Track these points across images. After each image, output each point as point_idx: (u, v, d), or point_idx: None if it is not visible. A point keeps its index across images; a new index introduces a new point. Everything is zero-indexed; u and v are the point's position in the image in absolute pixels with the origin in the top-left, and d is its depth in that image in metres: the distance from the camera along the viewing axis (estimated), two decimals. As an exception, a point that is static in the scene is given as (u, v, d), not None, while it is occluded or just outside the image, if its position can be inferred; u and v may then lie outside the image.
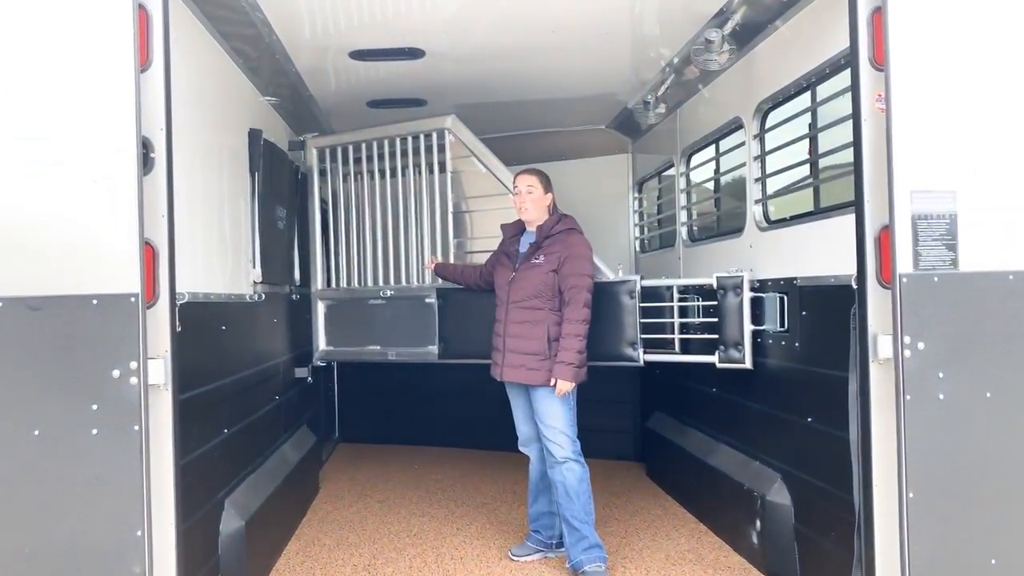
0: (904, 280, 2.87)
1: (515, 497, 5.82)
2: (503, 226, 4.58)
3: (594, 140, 7.03)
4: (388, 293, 5.78)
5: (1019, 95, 2.94)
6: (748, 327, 4.31)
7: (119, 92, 2.64)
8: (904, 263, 2.89)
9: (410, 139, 5.72)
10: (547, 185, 4.46)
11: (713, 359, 4.45)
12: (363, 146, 5.90)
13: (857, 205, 3.01)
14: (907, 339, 2.86)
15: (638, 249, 6.97)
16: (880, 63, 2.93)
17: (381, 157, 5.82)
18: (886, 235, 2.92)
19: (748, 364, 4.31)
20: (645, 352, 4.61)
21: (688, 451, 5.30)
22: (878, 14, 2.92)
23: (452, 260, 5.53)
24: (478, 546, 4.76)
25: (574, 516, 4.17)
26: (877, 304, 2.96)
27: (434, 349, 5.47)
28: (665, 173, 6.34)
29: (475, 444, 7.36)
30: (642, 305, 4.59)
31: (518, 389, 4.40)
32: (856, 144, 3.01)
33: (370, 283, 5.88)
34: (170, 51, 2.79)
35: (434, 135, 5.63)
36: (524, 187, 4.41)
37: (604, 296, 4.54)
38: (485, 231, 5.45)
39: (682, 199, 5.78)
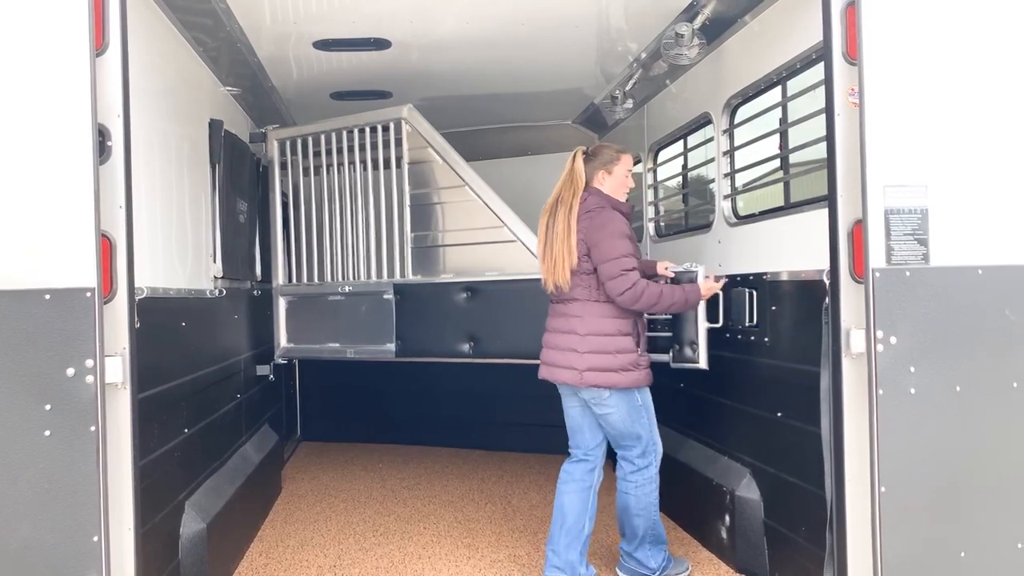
0: (877, 274, 2.87)
1: (481, 495, 5.76)
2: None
3: (561, 135, 6.99)
4: (346, 289, 5.66)
5: (991, 90, 2.96)
6: (703, 325, 4.11)
7: (73, 76, 2.51)
8: (877, 257, 2.89)
9: (368, 130, 5.58)
10: (597, 160, 3.99)
11: (667, 358, 4.27)
12: (321, 138, 5.78)
13: (831, 199, 3.00)
14: (880, 333, 2.86)
15: (605, 245, 6.95)
16: (854, 57, 2.92)
17: (340, 150, 5.69)
18: (858, 229, 2.92)
19: (703, 364, 4.11)
20: None
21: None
22: (852, 8, 2.91)
23: (408, 254, 5.40)
24: (446, 544, 4.69)
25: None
26: (850, 298, 2.96)
27: (391, 347, 5.36)
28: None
29: (440, 442, 7.28)
30: None
31: None
32: (829, 138, 3.00)
33: (328, 279, 5.76)
34: (127, 35, 2.67)
35: (391, 126, 5.48)
36: (605, 174, 4.01)
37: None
38: (452, 224, 5.36)
39: (649, 195, 5.77)
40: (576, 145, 7.02)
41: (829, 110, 3.00)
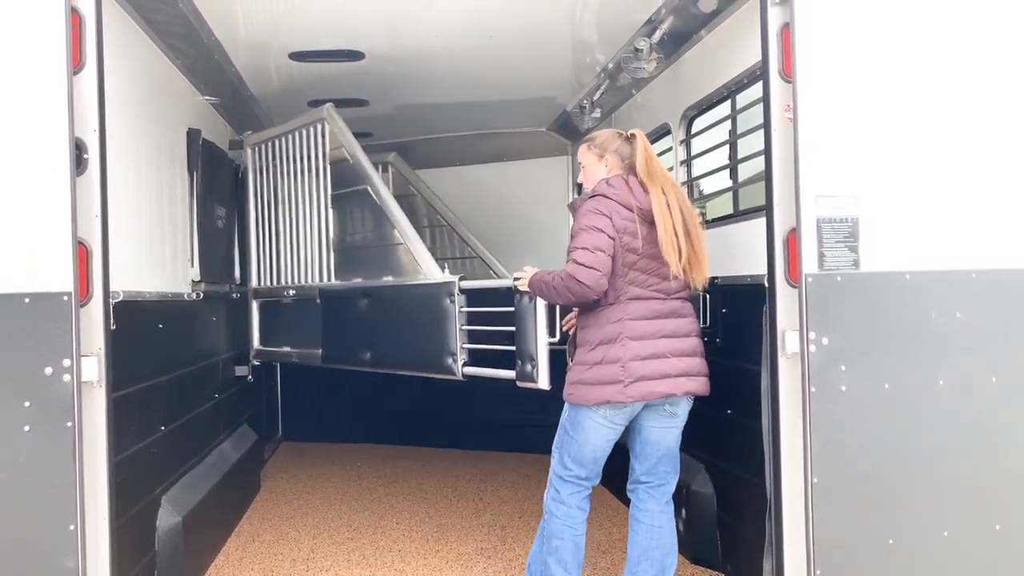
0: (809, 279, 3.06)
1: (455, 492, 5.94)
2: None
3: (535, 142, 7.18)
4: (291, 293, 5.66)
5: (918, 105, 3.15)
6: (544, 338, 3.56)
7: (52, 94, 2.67)
8: (810, 263, 3.08)
9: (301, 134, 5.50)
10: (603, 148, 3.53)
11: (512, 375, 3.73)
12: (271, 144, 5.83)
13: (768, 208, 3.20)
14: (812, 335, 3.05)
15: (577, 249, 7.14)
16: (789, 75, 3.12)
17: (283, 156, 5.72)
18: (793, 237, 3.12)
19: (542, 383, 3.57)
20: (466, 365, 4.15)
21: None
22: (787, 29, 3.11)
23: (331, 257, 5.27)
24: (416, 539, 4.87)
25: None
26: (785, 302, 3.15)
27: (319, 352, 5.26)
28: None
29: (419, 442, 7.45)
30: (466, 310, 4.16)
31: None
32: (767, 151, 3.20)
33: (284, 282, 5.77)
34: (104, 52, 2.83)
35: (317, 128, 5.39)
36: (579, 164, 3.68)
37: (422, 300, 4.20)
38: (361, 227, 5.21)
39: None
40: (550, 151, 7.26)
41: (767, 125, 3.19)
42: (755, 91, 3.97)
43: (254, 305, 6.08)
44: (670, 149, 4.83)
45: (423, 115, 6.56)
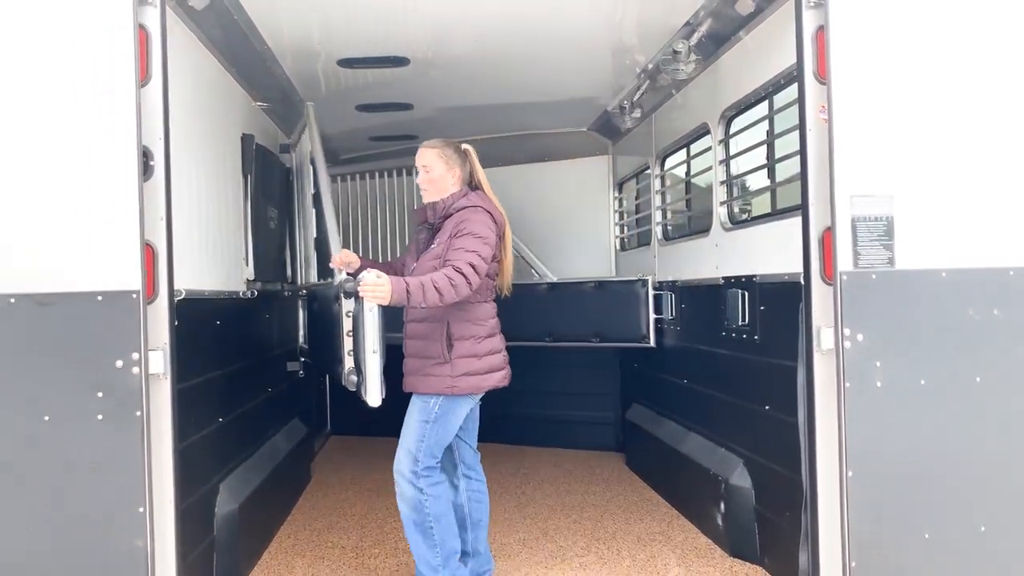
0: (844, 277, 3.12)
1: (499, 486, 6.04)
2: (414, 211, 3.96)
3: (576, 142, 7.27)
4: (303, 293, 5.85)
5: (952, 104, 3.19)
6: (370, 349, 3.40)
7: (122, 106, 2.87)
8: (844, 261, 3.14)
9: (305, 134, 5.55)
10: (450, 160, 3.75)
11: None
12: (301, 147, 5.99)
13: (803, 208, 3.27)
14: (847, 331, 3.11)
15: (618, 247, 7.22)
16: (823, 77, 3.18)
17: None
18: (828, 236, 3.18)
19: (370, 400, 3.50)
20: None
21: (662, 440, 5.56)
22: (821, 32, 3.17)
23: (312, 256, 5.42)
24: (461, 530, 5.02)
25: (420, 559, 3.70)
26: (821, 299, 3.22)
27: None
28: (642, 174, 6.60)
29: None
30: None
31: None
32: (802, 152, 3.27)
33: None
34: (167, 66, 3.02)
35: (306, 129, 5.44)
36: (420, 166, 3.78)
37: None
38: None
39: (657, 199, 6.03)
40: (591, 151, 7.34)
41: (802, 126, 3.26)
42: (791, 92, 4.01)
43: (299, 303, 6.28)
44: (709, 149, 4.89)
45: (466, 117, 6.70)
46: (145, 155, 2.95)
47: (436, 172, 3.74)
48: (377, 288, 3.31)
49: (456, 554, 3.75)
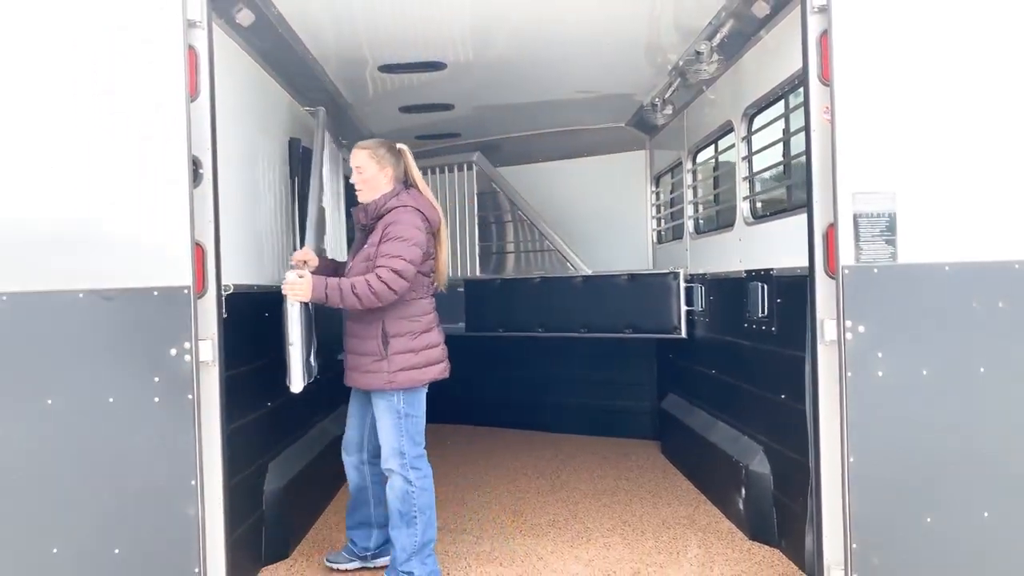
0: (846, 271, 3.27)
1: (535, 471, 6.32)
2: (353, 210, 4.05)
3: (614, 137, 7.42)
4: None
5: (953, 103, 3.30)
6: (291, 341, 3.93)
7: (173, 120, 3.19)
8: (847, 256, 3.28)
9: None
10: (383, 159, 3.88)
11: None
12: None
13: (808, 204, 3.41)
14: (849, 323, 3.26)
15: (655, 240, 7.37)
16: (827, 79, 3.32)
17: None
18: (831, 231, 3.32)
19: (292, 386, 3.98)
20: None
21: (693, 428, 5.72)
22: (824, 36, 3.31)
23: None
24: (495, 509, 5.28)
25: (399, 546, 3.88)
26: (824, 292, 3.37)
27: None
28: (676, 169, 6.73)
29: (504, 423, 7.86)
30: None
31: (359, 393, 4.16)
32: (807, 151, 3.41)
33: None
34: (215, 82, 3.33)
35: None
36: (353, 166, 3.90)
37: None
38: None
39: (689, 194, 6.17)
40: (629, 145, 7.49)
41: (807, 126, 3.40)
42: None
43: None
44: (733, 146, 5.02)
45: (505, 115, 6.92)
46: (195, 164, 3.27)
47: (368, 172, 3.87)
48: (295, 287, 3.75)
49: (432, 543, 3.95)
